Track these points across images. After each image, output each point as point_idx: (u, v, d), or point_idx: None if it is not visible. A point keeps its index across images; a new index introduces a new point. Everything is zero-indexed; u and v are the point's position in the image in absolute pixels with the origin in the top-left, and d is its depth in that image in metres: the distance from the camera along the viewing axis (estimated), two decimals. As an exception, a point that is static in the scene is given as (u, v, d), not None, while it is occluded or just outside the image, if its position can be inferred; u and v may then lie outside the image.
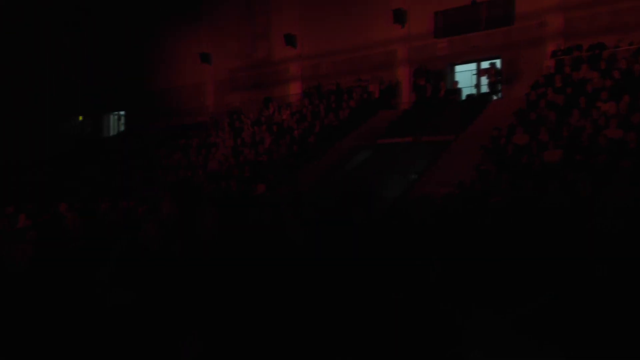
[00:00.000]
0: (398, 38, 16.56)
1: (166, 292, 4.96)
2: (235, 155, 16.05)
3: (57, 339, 4.05)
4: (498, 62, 14.85)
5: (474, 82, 15.31)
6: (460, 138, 12.62)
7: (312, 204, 9.97)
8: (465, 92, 15.08)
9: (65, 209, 8.45)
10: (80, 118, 25.22)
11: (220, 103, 20.54)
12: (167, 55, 22.97)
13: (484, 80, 14.76)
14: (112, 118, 25.29)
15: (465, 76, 15.62)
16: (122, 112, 24.87)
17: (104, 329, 4.22)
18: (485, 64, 15.02)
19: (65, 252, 5.70)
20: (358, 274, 5.59)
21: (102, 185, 14.83)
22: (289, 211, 8.82)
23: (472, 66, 15.56)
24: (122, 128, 24.56)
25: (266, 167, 14.62)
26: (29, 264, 5.38)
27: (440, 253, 6.14)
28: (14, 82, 22.80)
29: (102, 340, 4.02)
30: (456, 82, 15.40)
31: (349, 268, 5.77)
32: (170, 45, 22.76)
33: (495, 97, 14.37)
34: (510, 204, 7.42)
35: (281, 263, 5.66)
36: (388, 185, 12.85)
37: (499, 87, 14.45)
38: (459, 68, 16.03)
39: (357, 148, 14.48)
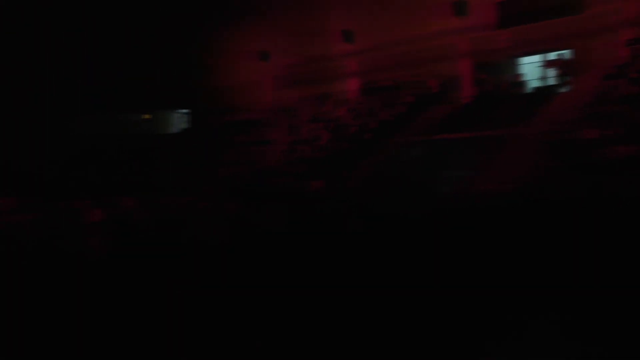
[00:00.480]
0: (458, 30, 16.09)
1: (229, 285, 5.13)
2: (292, 152, 16.24)
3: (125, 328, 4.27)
4: (566, 53, 14.14)
5: (540, 74, 14.66)
6: (523, 132, 12.14)
7: (367, 199, 10.02)
8: (530, 85, 14.49)
9: (134, 203, 8.84)
10: (148, 116, 26.24)
11: (277, 100, 20.79)
12: (226, 53, 23.49)
13: (551, 72, 14.12)
14: (176, 116, 26.16)
15: (531, 68, 14.98)
16: (185, 110, 25.69)
17: (170, 319, 4.42)
18: (552, 55, 14.34)
19: (137, 245, 5.97)
20: (411, 265, 5.59)
21: (164, 181, 15.38)
22: (346, 206, 8.86)
23: (538, 58, 14.89)
24: (185, 126, 25.36)
25: (323, 163, 14.70)
26: (106, 257, 5.67)
27: (492, 249, 6.00)
28: (78, 76, 23.84)
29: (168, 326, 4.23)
30: (520, 75, 14.82)
31: (403, 259, 5.78)
32: (229, 43, 23.25)
33: (562, 90, 13.70)
34: (583, 199, 7.09)
35: (343, 254, 5.77)
36: (445, 181, 12.60)
37: (567, 79, 13.76)
38: (524, 60, 15.38)
39: (413, 144, 14.26)
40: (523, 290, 4.88)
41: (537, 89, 14.14)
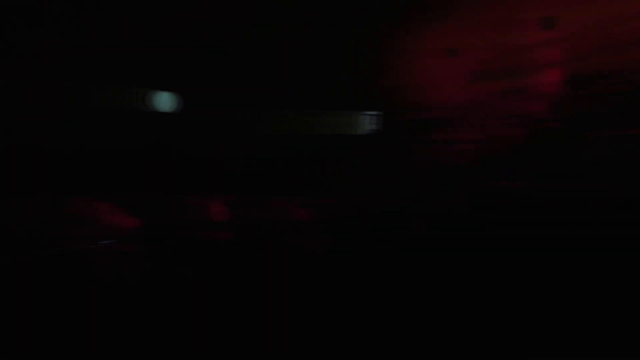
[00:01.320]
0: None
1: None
2: (484, 150, 15.66)
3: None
4: None
5: None
6: None
7: (581, 198, 9.24)
8: None
9: (336, 202, 9.43)
10: (335, 117, 27.64)
11: (467, 96, 20.14)
12: (411, 51, 23.49)
13: None
14: (363, 117, 27.08)
15: None
16: (371, 112, 26.44)
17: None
18: None
19: (355, 242, 6.38)
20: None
21: (356, 181, 16.02)
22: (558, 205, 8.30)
23: None
24: (372, 127, 26.10)
25: (519, 162, 13.96)
26: (324, 255, 6.18)
27: None
28: (267, 73, 25.59)
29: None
30: None
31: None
32: (415, 42, 23.19)
33: None
34: None
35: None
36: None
37: None
38: None
39: (628, 139, 12.66)
40: None
41: None
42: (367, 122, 26.53)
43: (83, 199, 10.63)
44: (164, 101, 20.68)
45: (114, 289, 5.86)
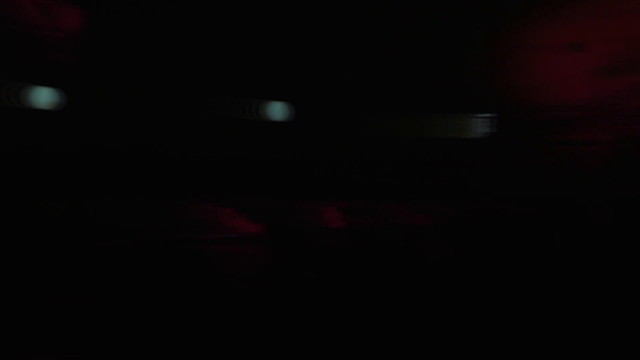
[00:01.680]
0: None
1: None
2: (620, 152, 14.44)
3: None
4: None
5: None
6: None
7: None
8: None
9: (449, 209, 9.14)
10: (445, 120, 26.70)
11: (595, 94, 18.58)
12: (528, 48, 22.18)
13: None
14: (476, 119, 25.93)
15: None
16: (485, 114, 25.21)
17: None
18: None
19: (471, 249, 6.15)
20: None
21: (470, 186, 15.44)
22: None
23: None
24: (486, 129, 24.87)
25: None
26: (446, 261, 6.03)
27: None
28: (371, 74, 25.01)
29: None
30: None
31: None
32: (530, 37, 21.87)
33: None
34: None
35: None
36: None
37: None
38: None
39: None
40: None
41: None
42: (482, 124, 25.41)
43: (207, 204, 11.32)
44: (277, 110, 21.58)
45: (234, 285, 6.17)
